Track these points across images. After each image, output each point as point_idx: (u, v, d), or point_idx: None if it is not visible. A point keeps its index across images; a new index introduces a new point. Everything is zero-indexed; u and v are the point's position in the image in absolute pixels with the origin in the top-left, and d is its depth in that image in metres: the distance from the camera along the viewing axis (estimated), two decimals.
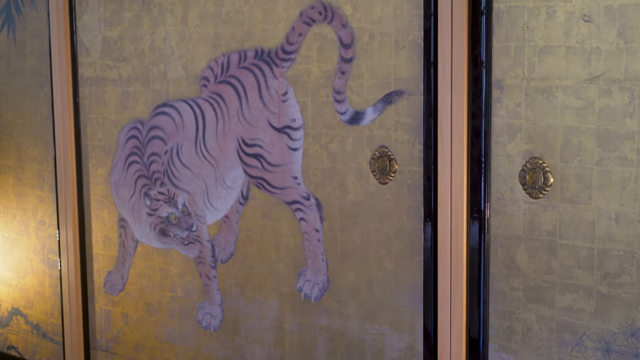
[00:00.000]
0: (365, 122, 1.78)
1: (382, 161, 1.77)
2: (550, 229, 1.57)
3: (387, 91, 1.74)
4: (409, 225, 1.75)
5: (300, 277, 1.94)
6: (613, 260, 1.50)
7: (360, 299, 1.85)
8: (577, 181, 1.52)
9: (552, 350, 1.59)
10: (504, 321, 1.65)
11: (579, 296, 1.55)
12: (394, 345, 1.81)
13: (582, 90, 1.50)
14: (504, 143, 1.60)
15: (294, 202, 1.92)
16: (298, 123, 1.88)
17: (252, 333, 2.05)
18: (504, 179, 1.61)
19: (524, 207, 1.59)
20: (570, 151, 1.52)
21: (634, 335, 1.49)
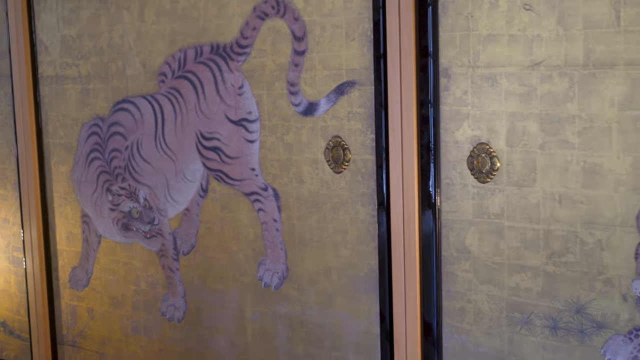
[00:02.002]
0: (319, 113, 1.81)
1: (336, 151, 1.79)
2: (498, 212, 1.60)
3: (339, 82, 1.77)
4: (363, 212, 1.78)
5: (260, 267, 1.96)
6: (558, 240, 1.54)
7: (318, 286, 1.87)
8: (522, 165, 1.56)
9: (502, 329, 1.63)
10: (456, 303, 1.68)
11: (527, 276, 1.58)
12: (351, 330, 1.84)
13: (524, 76, 1.53)
14: (452, 130, 1.63)
15: (253, 193, 1.94)
16: (254, 115, 1.91)
17: (215, 323, 2.07)
18: (452, 164, 1.64)
19: (472, 191, 1.63)
20: (515, 136, 1.56)
21: (579, 312, 1.53)
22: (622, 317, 1.49)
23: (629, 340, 1.49)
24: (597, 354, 1.53)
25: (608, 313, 1.50)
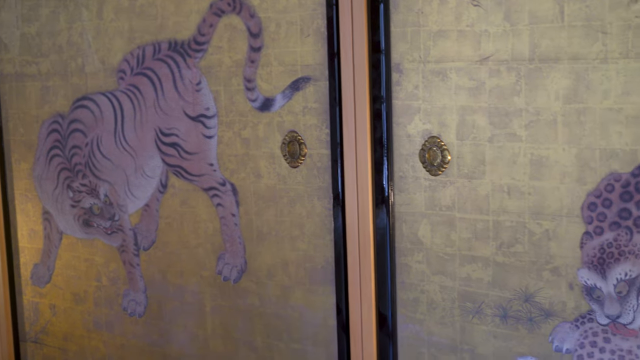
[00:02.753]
0: (275, 109, 1.82)
1: (292, 145, 1.81)
2: (449, 204, 1.63)
3: (294, 78, 1.79)
4: (319, 206, 1.80)
5: (220, 261, 1.97)
6: (507, 231, 1.57)
7: (276, 279, 1.89)
8: (472, 158, 1.58)
9: (454, 319, 1.65)
10: (410, 294, 1.70)
11: (477, 266, 1.61)
12: (309, 322, 1.85)
13: (473, 71, 1.56)
14: (404, 124, 1.65)
15: (211, 188, 1.95)
16: (212, 111, 1.92)
17: (176, 317, 2.08)
18: (405, 158, 1.66)
19: (424, 184, 1.65)
20: (465, 129, 1.58)
21: (527, 301, 1.56)
22: (569, 305, 1.52)
23: (576, 328, 1.52)
24: (546, 341, 1.56)
25: (555, 301, 1.53)
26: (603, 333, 1.49)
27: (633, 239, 1.43)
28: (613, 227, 1.45)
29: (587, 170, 1.46)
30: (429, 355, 1.70)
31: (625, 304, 1.46)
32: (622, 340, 1.48)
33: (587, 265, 1.49)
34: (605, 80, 1.42)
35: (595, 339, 1.50)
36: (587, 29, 1.43)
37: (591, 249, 1.48)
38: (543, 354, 1.56)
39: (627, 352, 1.47)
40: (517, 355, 1.59)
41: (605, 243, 1.46)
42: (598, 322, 1.50)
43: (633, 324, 1.46)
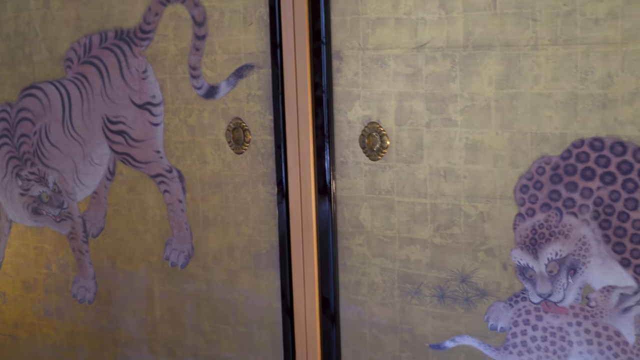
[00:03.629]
0: (220, 96, 1.83)
1: (237, 132, 1.82)
2: (388, 188, 1.65)
3: (238, 66, 1.79)
4: (264, 191, 1.81)
5: (167, 247, 1.98)
6: (444, 213, 1.59)
7: (222, 263, 1.90)
8: (410, 142, 1.61)
9: (395, 300, 1.68)
10: (351, 276, 1.72)
11: (416, 248, 1.63)
12: (255, 306, 1.87)
13: (410, 58, 1.58)
14: (345, 110, 1.67)
15: (158, 175, 1.96)
16: (158, 99, 1.92)
17: (125, 303, 2.08)
18: (346, 143, 1.68)
19: (365, 169, 1.67)
20: (403, 115, 1.61)
21: (464, 281, 1.59)
22: (503, 284, 1.55)
23: (509, 307, 1.55)
24: (481, 320, 1.59)
25: (490, 281, 1.56)
26: (535, 311, 1.53)
27: (563, 219, 1.46)
28: (544, 208, 1.48)
29: (519, 154, 1.49)
30: (371, 336, 1.72)
31: (556, 283, 1.49)
32: (553, 317, 1.51)
33: (519, 246, 1.52)
34: (536, 67, 1.45)
35: (528, 317, 1.54)
36: (518, 17, 1.46)
37: (523, 230, 1.51)
38: (479, 333, 1.59)
39: (557, 329, 1.51)
40: (455, 334, 1.62)
41: (537, 224, 1.49)
42: (531, 301, 1.53)
43: (563, 302, 1.49)
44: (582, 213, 1.45)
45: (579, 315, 1.49)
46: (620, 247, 1.42)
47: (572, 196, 1.45)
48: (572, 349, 1.50)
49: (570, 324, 1.50)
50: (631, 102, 1.38)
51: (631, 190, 1.40)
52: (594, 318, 1.47)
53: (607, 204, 1.42)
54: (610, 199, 1.42)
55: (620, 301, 1.45)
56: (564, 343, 1.51)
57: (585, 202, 1.44)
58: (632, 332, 1.45)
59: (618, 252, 1.43)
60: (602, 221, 1.43)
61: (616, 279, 1.44)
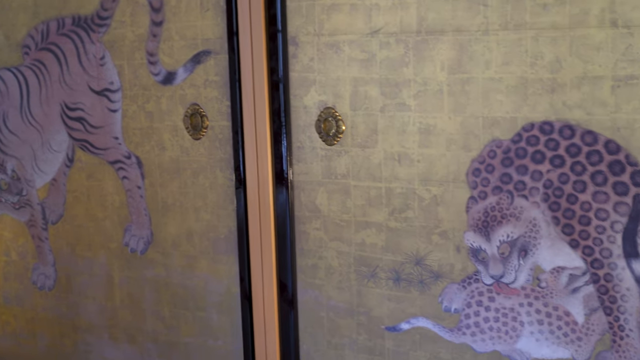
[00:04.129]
0: (178, 82, 1.83)
1: (194, 118, 1.82)
2: (344, 173, 1.65)
3: (195, 52, 1.79)
4: (221, 177, 1.81)
5: (127, 233, 1.97)
6: (398, 197, 1.60)
7: (181, 249, 1.90)
8: (365, 127, 1.61)
9: (351, 283, 1.69)
10: (309, 260, 1.73)
11: (372, 232, 1.65)
12: (214, 291, 1.87)
13: (365, 43, 1.59)
14: (301, 95, 1.67)
15: (117, 161, 1.95)
16: (116, 85, 1.91)
17: (85, 289, 2.07)
18: (302, 129, 1.69)
19: (321, 153, 1.67)
20: (358, 100, 1.61)
21: (418, 264, 1.60)
22: (457, 266, 1.57)
23: (463, 288, 1.57)
24: (436, 301, 1.60)
25: (444, 263, 1.58)
26: (488, 292, 1.54)
27: (514, 202, 1.48)
28: (495, 191, 1.50)
29: (471, 138, 1.51)
30: (328, 319, 1.73)
31: (508, 265, 1.51)
32: (505, 299, 1.53)
33: (472, 229, 1.53)
34: (487, 51, 1.47)
35: (481, 299, 1.55)
36: (470, 2, 1.47)
37: (476, 213, 1.53)
38: (433, 314, 1.61)
39: (509, 310, 1.53)
40: (410, 316, 1.64)
41: (489, 207, 1.51)
42: (483, 282, 1.54)
43: (515, 284, 1.51)
44: (533, 195, 1.46)
45: (530, 296, 1.51)
46: (569, 229, 1.44)
47: (522, 179, 1.47)
48: (523, 329, 1.52)
49: (521, 305, 1.52)
50: (579, 86, 1.39)
51: (579, 173, 1.42)
52: (544, 299, 1.50)
53: (556, 187, 1.44)
54: (559, 181, 1.43)
55: (570, 282, 1.47)
56: (515, 323, 1.53)
57: (536, 185, 1.46)
58: (581, 312, 1.47)
59: (567, 233, 1.45)
60: (551, 203, 1.45)
61: (565, 260, 1.46)
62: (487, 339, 1.56)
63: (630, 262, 1.40)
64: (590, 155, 1.40)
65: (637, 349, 1.42)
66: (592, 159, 1.40)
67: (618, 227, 1.40)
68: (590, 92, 1.39)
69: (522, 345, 1.53)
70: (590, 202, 1.41)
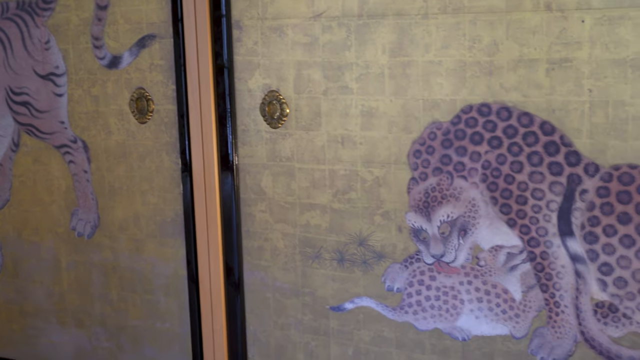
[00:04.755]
0: (123, 66, 1.81)
1: (140, 102, 1.81)
2: (289, 155, 1.66)
3: (140, 35, 1.78)
4: (168, 160, 1.81)
5: (73, 217, 1.96)
6: (342, 179, 1.61)
7: (128, 232, 1.89)
8: (308, 110, 1.62)
9: (296, 264, 1.70)
10: (254, 242, 1.74)
11: (316, 214, 1.65)
12: (161, 274, 1.87)
13: (308, 27, 1.59)
14: (245, 79, 1.68)
15: (63, 145, 1.93)
16: (61, 70, 1.89)
17: (32, 274, 2.05)
18: (247, 112, 1.69)
19: (265, 136, 1.68)
20: (302, 83, 1.62)
21: (361, 244, 1.62)
22: (399, 247, 1.58)
23: (405, 268, 1.59)
24: (379, 281, 1.62)
25: (386, 244, 1.59)
26: (429, 272, 1.56)
27: (453, 183, 1.50)
28: (436, 172, 1.52)
29: (412, 120, 1.52)
30: (274, 300, 1.74)
31: (448, 244, 1.53)
32: (446, 277, 1.55)
33: (413, 209, 1.55)
34: (427, 35, 1.48)
35: (423, 278, 1.57)
36: None
37: (417, 194, 1.54)
38: (376, 294, 1.62)
39: (450, 289, 1.55)
40: (354, 296, 1.65)
41: (429, 187, 1.53)
42: (424, 262, 1.56)
43: (455, 262, 1.53)
44: (472, 176, 1.48)
45: (470, 275, 1.53)
46: (507, 208, 1.47)
47: (462, 160, 1.49)
48: (463, 307, 1.55)
49: (461, 283, 1.54)
50: (515, 68, 1.41)
51: (516, 154, 1.44)
52: (483, 277, 1.52)
53: (494, 167, 1.46)
54: (497, 162, 1.46)
55: (508, 260, 1.49)
56: (456, 302, 1.55)
57: (474, 166, 1.48)
58: (518, 289, 1.50)
59: (505, 213, 1.47)
60: (489, 184, 1.47)
61: (503, 238, 1.49)
62: (429, 317, 1.58)
63: (565, 240, 1.43)
64: (526, 136, 1.43)
65: (572, 325, 1.46)
66: (528, 140, 1.43)
67: (553, 206, 1.43)
68: (526, 74, 1.41)
69: (462, 323, 1.56)
70: (527, 182, 1.44)
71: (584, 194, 1.40)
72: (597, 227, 1.40)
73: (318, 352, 1.71)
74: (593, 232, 1.41)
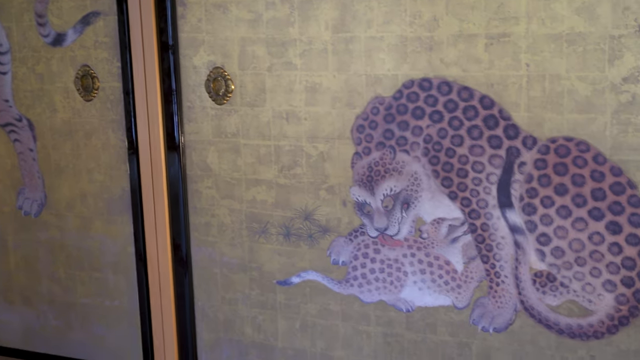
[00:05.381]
0: (68, 43, 1.79)
1: (85, 79, 1.79)
2: (234, 131, 1.66)
3: (84, 13, 1.76)
4: (114, 138, 1.79)
5: (20, 196, 1.93)
6: (287, 155, 1.62)
7: (75, 210, 1.87)
8: (253, 87, 1.62)
9: (243, 239, 1.70)
10: (202, 218, 1.73)
11: (262, 189, 1.66)
12: (109, 251, 1.86)
13: (251, 3, 1.58)
14: (190, 56, 1.67)
15: (7, 124, 1.90)
16: (5, 47, 1.86)
17: None
18: (192, 88, 1.68)
19: (211, 113, 1.67)
20: (246, 60, 1.61)
21: (307, 219, 1.63)
22: (343, 220, 1.59)
23: (350, 241, 1.60)
24: (324, 255, 1.63)
25: (331, 218, 1.60)
26: (373, 245, 1.58)
27: (396, 157, 1.51)
28: (379, 147, 1.53)
29: (355, 95, 1.53)
30: (221, 276, 1.74)
31: (391, 217, 1.54)
32: (389, 250, 1.57)
33: (357, 183, 1.56)
34: (369, 11, 1.49)
35: (367, 251, 1.59)
36: None
37: (361, 168, 1.55)
38: (322, 267, 1.63)
39: (394, 261, 1.57)
40: (300, 270, 1.66)
41: (373, 162, 1.54)
42: (369, 235, 1.58)
43: (398, 235, 1.55)
44: (414, 150, 1.50)
45: (413, 247, 1.55)
46: (448, 182, 1.48)
47: (404, 134, 1.50)
48: (407, 279, 1.56)
49: (405, 256, 1.56)
50: (455, 44, 1.43)
51: (457, 128, 1.45)
52: (426, 249, 1.54)
53: (435, 141, 1.48)
54: (439, 136, 1.47)
55: (449, 232, 1.51)
56: (399, 274, 1.57)
57: (416, 140, 1.49)
58: (460, 260, 1.52)
59: (446, 186, 1.49)
60: (431, 157, 1.49)
61: (445, 211, 1.50)
62: (374, 290, 1.60)
63: (504, 212, 1.45)
64: (466, 110, 1.44)
65: (512, 294, 1.48)
66: (468, 114, 1.44)
67: (493, 178, 1.45)
68: (466, 49, 1.42)
69: (406, 295, 1.57)
70: (467, 156, 1.46)
71: (522, 166, 1.42)
72: (535, 198, 1.43)
73: (265, 326, 1.71)
74: (531, 203, 1.43)
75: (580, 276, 1.42)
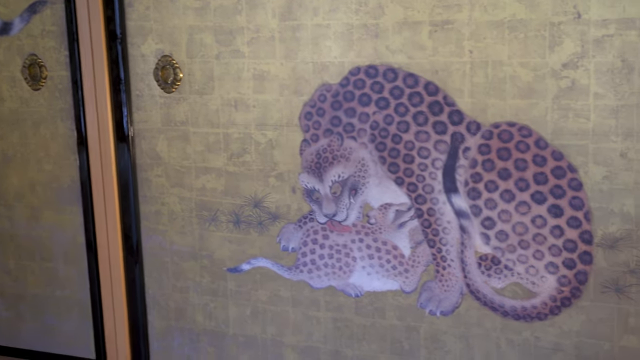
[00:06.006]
0: (14, 32, 1.77)
1: (33, 68, 1.77)
2: (183, 119, 1.65)
3: (31, 1, 1.74)
4: (63, 127, 1.77)
5: None
6: (236, 142, 1.62)
7: (24, 200, 1.85)
8: (201, 75, 1.61)
9: (193, 227, 1.69)
10: (152, 207, 1.72)
11: (212, 177, 1.65)
12: (59, 241, 1.84)
13: None
14: (138, 44, 1.65)
15: None
16: None
17: None
18: (141, 77, 1.67)
19: (160, 101, 1.66)
20: (194, 48, 1.61)
21: (257, 206, 1.63)
22: (293, 207, 1.60)
23: (299, 228, 1.60)
24: (274, 242, 1.63)
25: (281, 205, 1.60)
26: (322, 231, 1.58)
27: (344, 143, 1.52)
28: (327, 133, 1.53)
29: (302, 83, 1.53)
30: (172, 264, 1.73)
31: (340, 203, 1.55)
32: (338, 236, 1.57)
33: (306, 170, 1.56)
34: None
35: (316, 237, 1.59)
36: None
37: (309, 155, 1.56)
38: (272, 254, 1.64)
39: (342, 247, 1.57)
40: (250, 257, 1.66)
41: (321, 149, 1.54)
42: (318, 221, 1.58)
43: (347, 221, 1.56)
44: (361, 137, 1.50)
45: (361, 233, 1.55)
46: (395, 167, 1.49)
47: (351, 121, 1.50)
48: (355, 264, 1.57)
49: (353, 241, 1.56)
50: (400, 31, 1.43)
51: (402, 114, 1.46)
52: (374, 234, 1.55)
53: (382, 128, 1.48)
54: (385, 122, 1.48)
55: (396, 217, 1.52)
56: (348, 259, 1.58)
57: (363, 127, 1.50)
58: (407, 245, 1.53)
59: (393, 171, 1.50)
60: (378, 143, 1.50)
61: (392, 197, 1.51)
62: (323, 275, 1.60)
63: (450, 196, 1.47)
64: (412, 96, 1.45)
65: (458, 278, 1.50)
66: (413, 101, 1.45)
67: (438, 164, 1.46)
68: (410, 36, 1.43)
69: (355, 280, 1.58)
70: (413, 142, 1.47)
71: (466, 151, 1.44)
72: (479, 183, 1.44)
73: (217, 314, 1.71)
74: (476, 188, 1.45)
75: (524, 259, 1.44)
